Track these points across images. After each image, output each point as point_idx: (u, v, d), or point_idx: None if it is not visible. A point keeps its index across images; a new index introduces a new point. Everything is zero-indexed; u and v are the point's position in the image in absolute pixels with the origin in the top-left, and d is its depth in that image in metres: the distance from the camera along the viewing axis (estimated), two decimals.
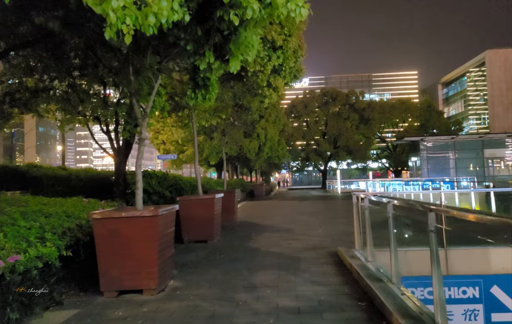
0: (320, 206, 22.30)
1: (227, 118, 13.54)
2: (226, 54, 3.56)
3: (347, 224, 12.58)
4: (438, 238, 4.29)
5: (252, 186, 35.89)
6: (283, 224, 13.60)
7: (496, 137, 43.85)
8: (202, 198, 10.14)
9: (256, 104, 10.97)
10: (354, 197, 7.48)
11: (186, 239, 9.97)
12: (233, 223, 13.86)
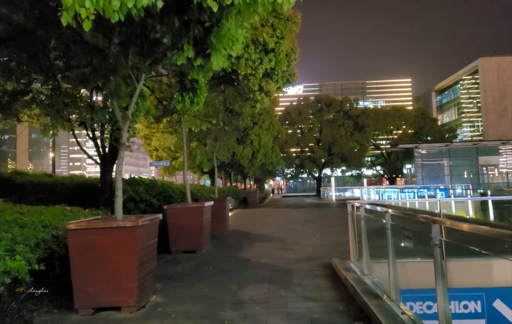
0: (314, 214, 21.93)
1: (218, 123, 13.16)
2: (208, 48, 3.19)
3: (341, 233, 12.20)
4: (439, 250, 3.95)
5: (245, 193, 35.46)
6: (276, 233, 13.19)
7: (490, 145, 43.80)
8: (191, 206, 9.72)
9: (248, 109, 10.60)
10: (349, 206, 7.11)
11: (174, 249, 9.54)
12: (224, 231, 13.44)
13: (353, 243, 6.98)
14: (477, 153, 42.77)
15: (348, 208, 7.12)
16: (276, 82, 10.58)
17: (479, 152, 42.83)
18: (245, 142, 31.89)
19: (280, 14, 9.52)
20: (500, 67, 69.98)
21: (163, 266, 8.12)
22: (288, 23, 9.62)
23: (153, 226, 5.79)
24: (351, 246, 7.08)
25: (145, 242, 5.38)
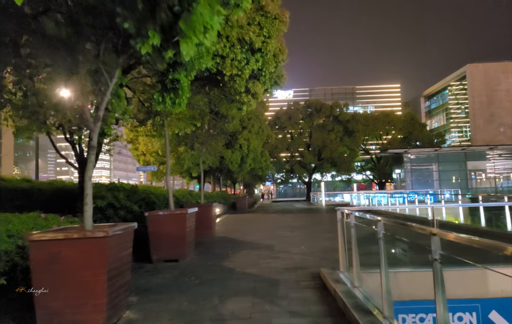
0: (304, 219, 21.56)
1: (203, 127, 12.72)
2: (177, 35, 2.80)
3: (331, 240, 11.83)
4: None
5: (234, 198, 35.01)
6: (264, 239, 12.78)
7: (478, 150, 43.91)
8: (173, 213, 9.26)
9: (234, 111, 10.18)
10: (339, 213, 6.72)
11: (155, 258, 9.07)
12: (210, 238, 12.99)
13: (343, 252, 6.60)
14: (466, 158, 42.83)
15: (338, 215, 6.74)
16: (264, 84, 10.19)
17: (468, 158, 42.91)
18: (234, 146, 31.44)
19: (267, 13, 9.15)
20: (488, 73, 70.62)
21: (142, 277, 7.66)
22: (276, 22, 9.24)
23: (127, 236, 5.35)
24: (340, 256, 6.70)
25: (116, 253, 4.94)
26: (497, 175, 44.09)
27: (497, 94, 70.19)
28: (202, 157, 13.99)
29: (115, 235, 4.81)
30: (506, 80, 69.87)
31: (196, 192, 30.40)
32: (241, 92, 9.60)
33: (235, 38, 8.77)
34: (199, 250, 10.77)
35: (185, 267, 8.54)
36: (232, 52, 8.80)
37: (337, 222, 6.76)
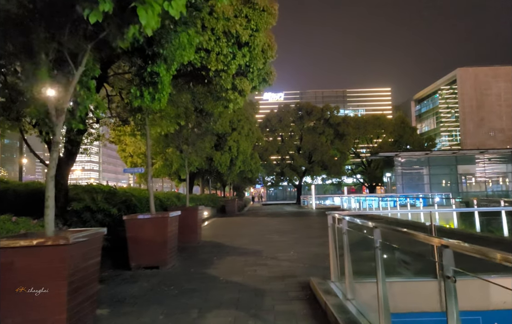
0: (293, 223, 21.06)
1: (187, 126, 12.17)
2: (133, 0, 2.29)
3: (321, 245, 11.34)
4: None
5: (223, 201, 34.44)
6: (251, 244, 12.24)
7: (469, 154, 43.87)
8: (154, 217, 8.69)
9: (220, 109, 9.64)
10: (330, 218, 6.22)
11: (134, 265, 8.49)
12: (195, 243, 12.43)
13: (334, 260, 6.10)
14: (456, 162, 42.76)
15: (329, 220, 6.24)
16: (252, 81, 9.68)
17: (458, 161, 42.84)
18: (223, 148, 30.89)
19: (255, 4, 8.66)
20: (478, 77, 70.89)
21: (118, 286, 7.09)
22: (264, 14, 8.74)
23: (93, 243, 4.78)
24: (331, 264, 6.19)
25: (80, 263, 4.38)
26: (487, 178, 44.07)
27: (487, 98, 70.46)
28: (188, 159, 13.41)
29: (78, 242, 4.26)
30: (496, 84, 70.15)
31: (183, 195, 29.79)
32: (228, 89, 9.09)
33: (220, 31, 8.26)
34: (183, 256, 10.22)
35: (166, 274, 7.98)
36: (218, 45, 8.29)
37: (328, 227, 6.26)
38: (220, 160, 30.05)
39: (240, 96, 9.45)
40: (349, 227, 5.34)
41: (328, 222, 6.24)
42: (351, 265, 5.34)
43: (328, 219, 6.21)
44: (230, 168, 31.63)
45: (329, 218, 6.21)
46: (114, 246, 9.06)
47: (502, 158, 43.69)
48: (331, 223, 6.16)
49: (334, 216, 6.03)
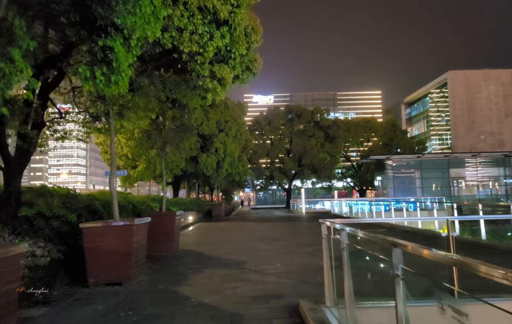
0: (282, 229, 19.83)
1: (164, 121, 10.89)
2: None
3: (312, 255, 10.15)
4: None
5: (210, 205, 33.11)
6: (235, 254, 10.99)
7: (461, 157, 43.11)
8: (115, 226, 7.39)
9: (196, 100, 8.40)
10: (324, 227, 5.00)
11: (92, 281, 7.19)
12: (172, 252, 11.14)
13: (330, 281, 4.87)
14: (448, 165, 41.97)
15: (323, 229, 5.02)
16: (233, 69, 8.45)
17: (450, 165, 42.06)
18: (209, 150, 29.60)
19: None
20: (469, 80, 70.56)
21: (66, 309, 5.79)
22: None
23: (8, 264, 3.50)
24: (326, 285, 4.97)
25: None
26: (479, 182, 43.38)
27: (478, 101, 70.12)
28: (165, 159, 12.13)
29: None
30: (487, 87, 69.88)
31: (168, 199, 28.42)
32: (205, 76, 7.84)
33: (195, 6, 7.02)
34: (154, 268, 8.93)
35: (128, 293, 6.70)
36: (192, 23, 7.05)
37: (322, 238, 5.04)
38: (206, 163, 28.76)
39: (220, 86, 8.22)
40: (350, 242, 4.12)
41: (322, 232, 5.02)
42: (352, 287, 4.14)
43: (322, 228, 5.00)
44: (216, 170, 30.35)
45: (323, 228, 4.99)
46: (74, 258, 7.77)
47: (493, 162, 43.01)
48: (326, 234, 4.95)
49: (331, 225, 4.81)
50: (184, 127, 11.39)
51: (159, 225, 11.18)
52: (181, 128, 11.30)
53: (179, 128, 11.35)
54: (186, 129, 11.36)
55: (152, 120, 11.06)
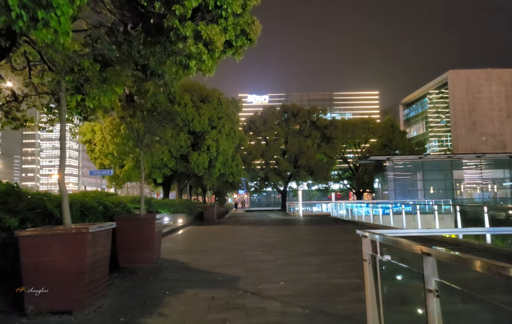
0: (281, 233, 17.92)
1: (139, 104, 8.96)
2: None
3: (322, 268, 8.27)
4: None
5: (202, 207, 31.11)
6: (227, 266, 9.08)
7: (465, 158, 41.42)
8: (63, 234, 5.46)
9: (175, 70, 6.47)
10: (366, 243, 3.09)
11: (32, 309, 5.28)
12: (151, 264, 9.21)
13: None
14: (452, 167, 40.30)
15: (365, 247, 3.12)
16: (225, 31, 6.56)
17: (454, 166, 40.40)
18: (201, 148, 27.66)
19: None
20: (470, 80, 69.00)
21: None
22: None
23: None
24: None
25: None
26: (484, 184, 41.73)
27: (479, 102, 68.58)
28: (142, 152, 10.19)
29: None
30: (488, 88, 68.35)
31: (156, 200, 26.42)
32: (187, 36, 5.94)
33: None
34: (123, 287, 6.99)
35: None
36: None
37: (364, 262, 3.14)
38: (197, 162, 26.81)
39: (207, 52, 6.31)
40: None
41: (364, 250, 3.12)
42: None
43: (364, 245, 3.09)
44: (208, 170, 28.40)
45: (366, 244, 3.08)
46: (17, 276, 5.84)
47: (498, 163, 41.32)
48: (370, 254, 3.04)
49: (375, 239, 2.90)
50: (166, 114, 9.48)
51: (136, 230, 9.27)
52: (163, 114, 9.39)
53: (160, 115, 9.43)
54: (168, 115, 9.46)
55: (127, 101, 9.16)
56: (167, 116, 9.44)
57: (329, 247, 12.29)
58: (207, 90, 29.85)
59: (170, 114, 9.44)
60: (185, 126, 27.38)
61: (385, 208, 27.03)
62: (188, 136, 27.40)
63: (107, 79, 6.22)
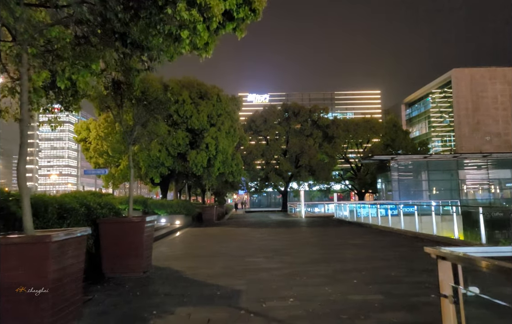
0: (284, 237, 16.81)
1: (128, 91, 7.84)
2: None
3: (336, 280, 7.15)
4: None
5: (200, 208, 29.97)
6: (226, 276, 7.97)
7: (471, 157, 40.30)
8: (21, 242, 4.34)
9: (161, 41, 5.33)
10: (445, 270, 1.97)
11: None
12: (140, 273, 8.09)
13: None
14: (457, 166, 39.19)
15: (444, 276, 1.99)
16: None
17: (459, 166, 39.29)
18: (199, 146, 26.55)
19: None
20: (474, 79, 67.80)
21: None
22: None
23: None
24: None
25: None
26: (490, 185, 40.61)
27: (483, 101, 67.38)
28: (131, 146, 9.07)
29: None
30: (492, 86, 67.16)
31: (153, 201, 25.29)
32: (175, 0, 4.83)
33: None
34: (104, 305, 5.86)
35: None
36: None
37: (444, 298, 2.01)
38: (195, 160, 25.70)
39: (202, 21, 5.19)
40: None
41: (444, 282, 1.99)
42: None
43: (443, 271, 1.97)
44: (207, 169, 27.29)
45: (445, 270, 1.96)
46: None
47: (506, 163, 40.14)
48: (452, 287, 1.92)
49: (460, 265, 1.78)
50: (158, 103, 8.36)
51: (122, 235, 8.16)
52: (154, 104, 8.28)
53: (151, 104, 8.32)
54: (160, 104, 8.34)
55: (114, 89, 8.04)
56: (159, 106, 8.33)
57: (338, 253, 11.17)
58: (206, 86, 28.76)
59: (162, 103, 8.31)
60: (183, 124, 26.29)
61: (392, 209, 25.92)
62: (186, 134, 26.29)
63: (80, 56, 5.11)
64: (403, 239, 14.42)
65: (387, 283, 6.92)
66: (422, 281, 7.01)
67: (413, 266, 8.48)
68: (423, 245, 12.06)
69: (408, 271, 7.94)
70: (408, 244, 12.93)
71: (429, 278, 7.11)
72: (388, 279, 7.25)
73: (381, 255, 10.41)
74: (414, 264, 8.81)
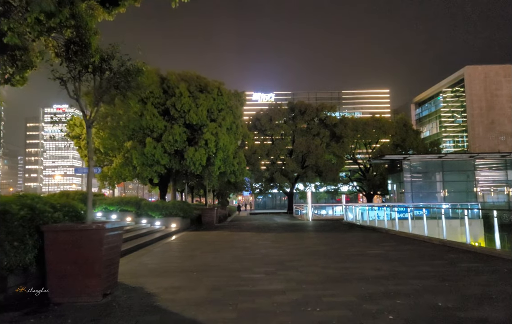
0: (290, 244, 14.70)
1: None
2: None
3: (367, 315, 5.01)
4: None
5: (200, 210, 27.91)
6: (211, 303, 5.92)
7: (489, 158, 37.91)
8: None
9: None
10: None
11: None
12: (96, 297, 6.02)
13: None
14: (474, 167, 36.87)
15: None
16: None
17: (476, 167, 36.96)
18: (198, 143, 24.50)
19: None
20: (488, 77, 65.24)
21: None
22: None
23: None
24: None
25: None
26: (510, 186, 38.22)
27: (498, 99, 64.78)
28: (90, 131, 7.04)
29: None
30: (507, 84, 64.49)
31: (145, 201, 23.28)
32: None
33: None
34: None
35: None
36: None
37: None
38: (193, 158, 23.66)
39: None
40: None
41: None
42: None
43: None
44: (207, 167, 25.25)
45: None
46: None
47: None
48: None
49: None
50: (127, 71, 6.35)
51: (74, 247, 6.08)
52: (118, 75, 6.26)
53: (115, 75, 6.29)
54: (129, 74, 6.32)
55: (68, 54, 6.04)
56: (126, 78, 6.31)
57: (356, 267, 9.05)
58: (206, 79, 26.77)
59: (130, 74, 6.28)
60: (180, 118, 24.29)
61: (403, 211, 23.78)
62: (184, 129, 24.29)
63: None
64: (430, 248, 12.28)
65: (438, 321, 4.82)
66: (485, 317, 4.92)
67: (463, 291, 6.36)
68: (458, 257, 9.68)
69: (461, 300, 5.83)
70: (439, 254, 10.79)
71: (494, 312, 5.03)
72: (438, 313, 5.15)
73: (413, 271, 8.26)
74: (463, 287, 6.69)
